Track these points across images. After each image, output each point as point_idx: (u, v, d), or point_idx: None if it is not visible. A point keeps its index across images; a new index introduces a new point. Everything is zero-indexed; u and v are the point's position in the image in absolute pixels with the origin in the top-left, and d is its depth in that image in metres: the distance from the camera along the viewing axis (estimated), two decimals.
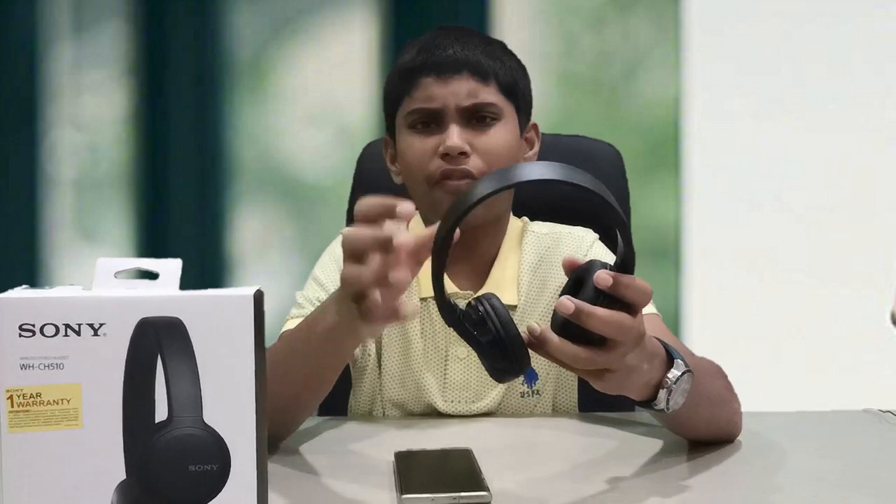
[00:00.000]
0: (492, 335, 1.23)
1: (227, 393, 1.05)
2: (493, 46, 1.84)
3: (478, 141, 1.77)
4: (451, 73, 1.77)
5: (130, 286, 1.06)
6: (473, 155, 1.76)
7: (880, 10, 3.61)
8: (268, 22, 3.77)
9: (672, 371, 1.32)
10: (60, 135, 3.72)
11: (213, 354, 1.05)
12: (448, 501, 1.26)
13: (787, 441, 1.57)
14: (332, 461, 1.51)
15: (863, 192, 3.65)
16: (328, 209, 3.78)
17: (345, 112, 3.72)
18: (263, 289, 1.09)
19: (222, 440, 1.05)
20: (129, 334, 1.04)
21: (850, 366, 3.55)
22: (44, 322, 1.03)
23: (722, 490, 1.37)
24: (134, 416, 1.04)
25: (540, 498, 1.31)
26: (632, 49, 3.72)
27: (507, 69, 1.82)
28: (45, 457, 1.04)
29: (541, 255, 1.87)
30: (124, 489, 1.04)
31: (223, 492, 1.05)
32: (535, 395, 1.84)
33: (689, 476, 1.41)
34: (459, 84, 1.77)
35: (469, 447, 1.47)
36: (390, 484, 1.36)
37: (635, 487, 1.37)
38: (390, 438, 1.65)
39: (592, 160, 2.13)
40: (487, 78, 1.79)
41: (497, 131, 1.79)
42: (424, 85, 1.78)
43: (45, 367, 1.03)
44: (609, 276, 1.20)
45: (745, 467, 1.46)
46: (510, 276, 1.84)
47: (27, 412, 1.03)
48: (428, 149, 1.78)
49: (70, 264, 3.71)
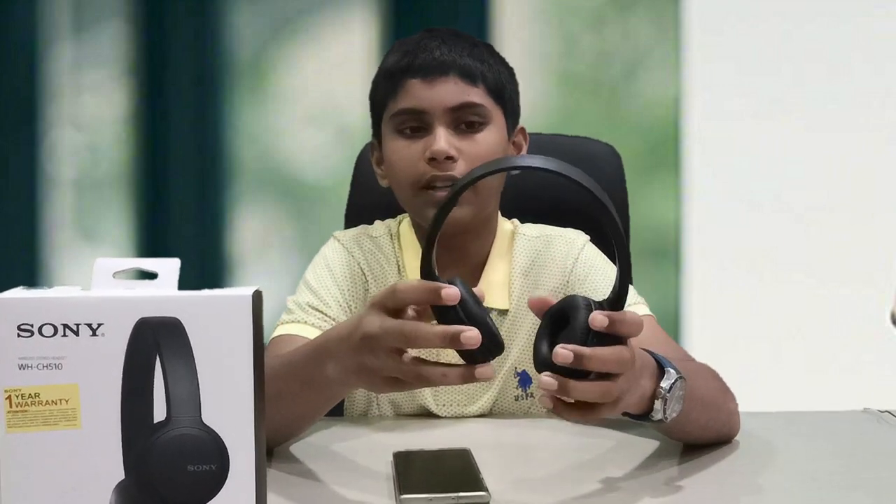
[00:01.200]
0: (459, 314, 1.22)
1: (225, 393, 1.05)
2: (480, 49, 1.81)
3: (465, 146, 1.74)
4: (438, 75, 1.74)
5: (129, 286, 1.06)
6: (460, 160, 1.73)
7: (880, 10, 3.61)
8: (268, 22, 3.77)
9: (664, 381, 1.31)
10: (60, 135, 3.72)
11: (211, 355, 1.05)
12: (447, 502, 1.26)
13: (784, 441, 1.57)
14: (330, 462, 1.51)
15: (863, 192, 3.65)
16: (328, 209, 3.77)
17: (345, 112, 3.71)
18: (263, 289, 1.09)
19: (221, 440, 1.05)
20: (127, 334, 1.04)
21: (850, 366, 3.54)
22: (42, 322, 1.03)
23: (718, 489, 1.38)
24: (132, 416, 1.04)
25: (538, 498, 1.31)
26: (632, 49, 3.73)
27: (494, 72, 1.79)
28: (43, 457, 1.04)
29: (532, 259, 1.84)
30: (123, 489, 1.04)
31: (222, 492, 1.05)
32: (529, 398, 1.83)
33: (685, 476, 1.41)
34: (446, 86, 1.74)
35: (467, 447, 1.47)
36: (389, 484, 1.36)
37: (632, 487, 1.37)
38: (387, 439, 1.65)
39: (591, 161, 2.12)
40: (475, 80, 1.76)
41: (485, 137, 1.76)
42: (410, 87, 1.75)
43: (44, 368, 1.03)
44: (605, 318, 1.20)
45: (742, 467, 1.46)
46: (501, 281, 1.82)
47: (25, 412, 1.03)
48: (414, 153, 1.75)
49: (70, 264, 3.71)
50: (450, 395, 1.81)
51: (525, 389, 1.83)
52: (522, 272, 1.84)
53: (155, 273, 1.07)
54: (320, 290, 1.79)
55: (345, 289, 1.81)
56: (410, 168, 1.75)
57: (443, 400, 1.81)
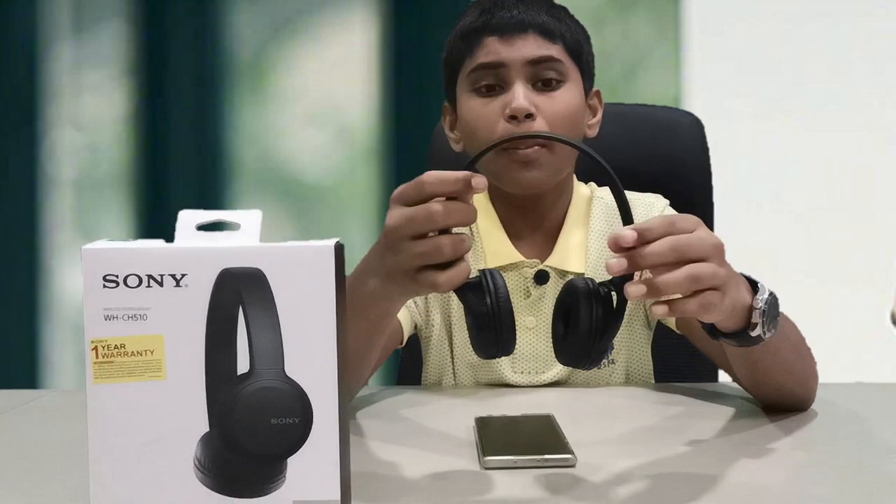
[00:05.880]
0: (487, 307, 1.20)
1: (308, 346, 1.04)
2: (558, 9, 1.76)
3: (543, 104, 1.69)
4: (517, 32, 1.70)
5: (211, 238, 1.05)
6: (539, 118, 1.68)
7: (880, 10, 3.63)
8: (268, 22, 3.77)
9: (759, 294, 1.26)
10: (60, 135, 3.72)
11: (293, 307, 1.03)
12: (532, 463, 1.24)
13: (865, 412, 1.52)
14: (411, 426, 1.49)
15: (863, 192, 3.66)
16: (328, 209, 3.78)
17: (345, 112, 3.72)
18: None
19: (304, 393, 1.04)
20: (210, 286, 1.03)
21: (850, 366, 3.55)
22: (127, 273, 1.02)
23: (806, 455, 1.33)
24: (216, 368, 1.03)
25: (623, 461, 1.27)
26: (632, 49, 3.74)
27: (572, 31, 1.74)
28: (129, 408, 1.02)
29: (609, 223, 1.80)
30: (207, 441, 1.03)
31: (305, 445, 1.04)
32: (611, 364, 1.80)
33: (771, 440, 1.37)
34: (525, 43, 1.70)
35: (549, 412, 1.45)
36: (471, 448, 1.34)
37: (716, 449, 1.34)
38: (467, 406, 1.62)
39: (673, 129, 2.13)
40: (553, 38, 1.71)
41: (563, 94, 1.71)
42: (487, 44, 1.71)
43: (129, 318, 1.02)
44: (632, 231, 1.13)
45: (826, 434, 1.42)
46: (577, 244, 1.79)
47: (111, 363, 1.02)
48: (492, 112, 1.70)
49: (70, 264, 3.70)
50: (525, 364, 1.78)
51: (606, 355, 1.79)
52: (599, 236, 1.79)
53: (237, 224, 1.06)
54: None
55: None
56: (489, 127, 1.70)
57: (519, 368, 1.78)
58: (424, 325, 1.82)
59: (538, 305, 1.78)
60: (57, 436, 1.47)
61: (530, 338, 1.78)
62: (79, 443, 1.12)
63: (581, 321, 1.18)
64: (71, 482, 1.23)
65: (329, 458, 1.05)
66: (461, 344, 1.80)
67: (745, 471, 1.25)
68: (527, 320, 1.77)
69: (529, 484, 1.19)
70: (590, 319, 1.18)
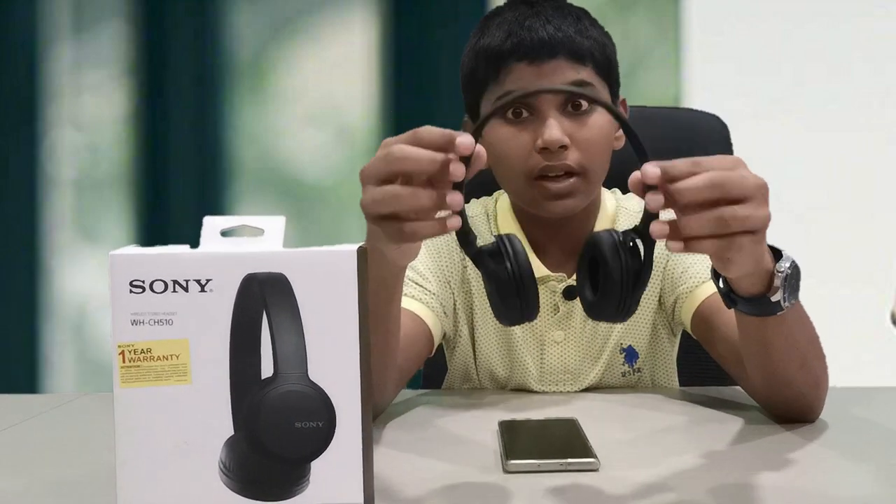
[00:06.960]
0: (507, 272, 1.18)
1: (331, 350, 1.04)
2: (584, 22, 1.69)
3: (577, 133, 1.64)
4: (546, 58, 1.64)
5: (236, 243, 1.06)
6: (572, 148, 1.64)
7: (880, 10, 3.64)
8: (268, 22, 3.77)
9: (782, 261, 1.23)
10: (60, 135, 3.72)
11: (317, 311, 1.04)
12: (555, 467, 1.24)
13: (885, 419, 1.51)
14: (434, 429, 1.49)
15: (863, 192, 3.66)
16: (328, 209, 3.78)
17: (345, 112, 3.72)
18: None
19: (328, 397, 1.04)
20: (235, 290, 1.03)
21: (850, 366, 3.55)
22: (153, 278, 1.02)
23: (834, 465, 1.31)
24: (241, 372, 1.03)
25: (647, 468, 1.27)
26: (632, 49, 3.74)
27: (600, 46, 1.69)
28: (155, 412, 1.03)
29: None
30: (233, 444, 1.03)
31: (329, 449, 1.04)
32: (637, 373, 1.79)
33: (794, 448, 1.35)
34: (554, 70, 1.64)
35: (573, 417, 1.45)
36: (495, 451, 1.34)
37: (740, 453, 1.34)
38: (491, 410, 1.61)
39: (696, 130, 2.18)
40: (584, 60, 1.65)
41: (595, 120, 1.66)
42: (515, 70, 1.65)
43: (155, 323, 1.02)
44: (656, 168, 1.08)
45: (854, 439, 1.40)
46: None
47: (138, 367, 1.02)
48: (524, 143, 1.66)
49: (70, 264, 3.70)
50: (555, 376, 1.77)
51: (632, 365, 1.79)
52: None
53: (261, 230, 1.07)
54: (417, 265, 1.72)
55: (443, 265, 1.76)
56: (522, 159, 1.66)
57: (547, 380, 1.78)
58: (453, 334, 1.81)
59: (567, 321, 1.77)
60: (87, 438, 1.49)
61: (558, 351, 1.77)
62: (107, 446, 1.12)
63: (611, 273, 1.15)
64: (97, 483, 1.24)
65: (352, 462, 1.05)
66: (484, 355, 1.80)
67: (772, 474, 1.24)
68: (555, 335, 1.77)
69: (552, 488, 1.19)
70: (620, 270, 1.15)
